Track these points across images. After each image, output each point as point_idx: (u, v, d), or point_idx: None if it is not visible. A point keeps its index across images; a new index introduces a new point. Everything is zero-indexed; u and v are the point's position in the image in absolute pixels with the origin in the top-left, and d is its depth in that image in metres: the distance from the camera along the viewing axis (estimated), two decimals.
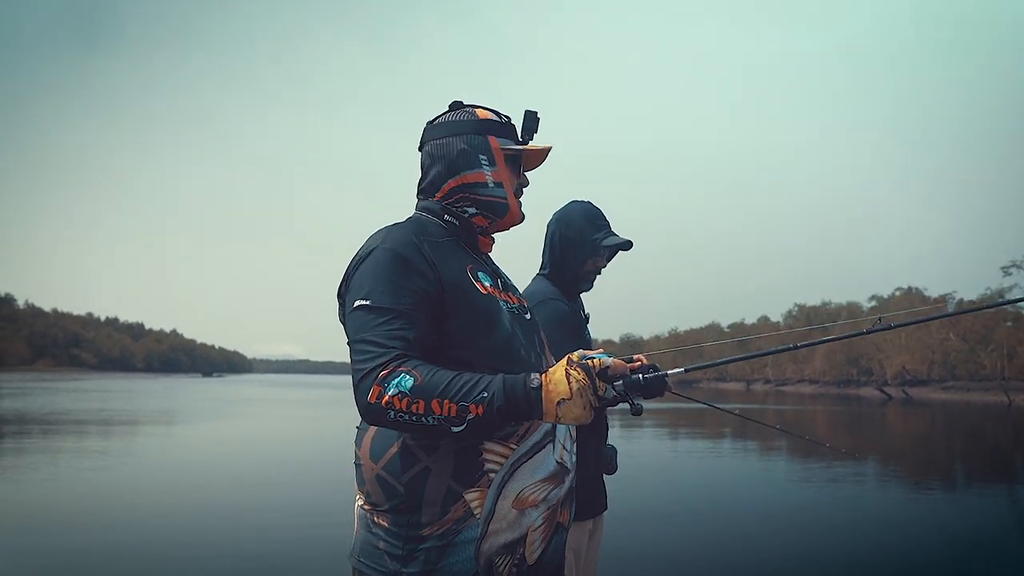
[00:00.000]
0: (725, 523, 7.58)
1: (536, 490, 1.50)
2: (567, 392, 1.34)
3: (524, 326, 1.65)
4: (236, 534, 6.63)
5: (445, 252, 1.56)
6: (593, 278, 2.59)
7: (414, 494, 1.45)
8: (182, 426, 20.62)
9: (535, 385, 1.35)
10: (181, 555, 5.82)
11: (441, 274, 1.49)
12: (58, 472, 10.43)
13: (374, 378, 1.35)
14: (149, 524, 6.99)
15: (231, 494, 8.92)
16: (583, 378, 1.35)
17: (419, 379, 1.33)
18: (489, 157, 1.66)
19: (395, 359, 1.36)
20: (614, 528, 5.62)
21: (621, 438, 17.90)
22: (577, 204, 2.60)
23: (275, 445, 15.85)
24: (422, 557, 1.44)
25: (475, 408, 1.32)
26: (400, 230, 1.55)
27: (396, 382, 1.33)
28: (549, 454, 1.54)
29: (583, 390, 1.34)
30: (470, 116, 1.68)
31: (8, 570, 5.38)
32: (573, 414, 1.34)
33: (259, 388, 60.97)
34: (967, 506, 9.30)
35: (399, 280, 1.45)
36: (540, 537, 1.51)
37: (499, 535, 1.46)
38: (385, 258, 1.48)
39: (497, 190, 1.66)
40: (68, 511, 7.63)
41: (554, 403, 1.34)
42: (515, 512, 1.48)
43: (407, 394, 1.32)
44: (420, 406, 1.32)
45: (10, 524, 6.91)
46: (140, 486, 9.41)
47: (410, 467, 1.47)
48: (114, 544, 6.16)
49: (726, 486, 10.36)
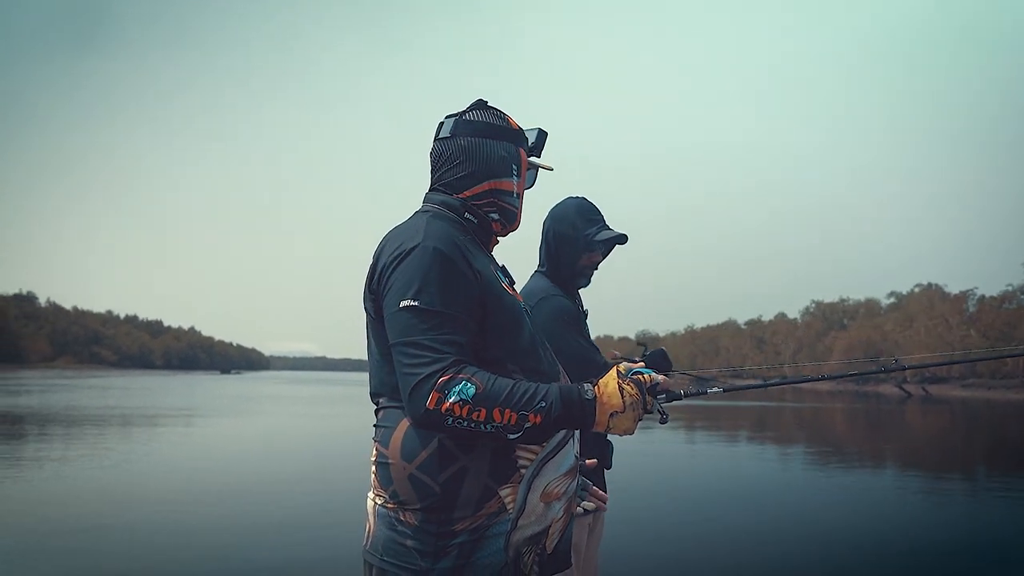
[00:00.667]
0: (740, 520, 7.54)
1: (559, 484, 1.57)
2: (620, 405, 1.43)
3: (535, 327, 1.70)
4: (253, 531, 6.68)
5: (474, 251, 1.57)
6: (590, 273, 2.61)
7: (450, 493, 1.48)
8: (201, 423, 20.81)
9: (589, 397, 1.44)
10: (194, 553, 5.88)
11: (480, 275, 1.51)
12: (78, 468, 10.55)
13: (433, 384, 1.36)
14: (166, 521, 7.05)
15: (247, 491, 8.98)
16: (635, 393, 1.44)
17: (480, 387, 1.37)
18: (519, 169, 1.71)
19: (453, 365, 1.38)
20: (629, 527, 5.59)
21: (638, 437, 17.82)
22: (571, 200, 2.63)
23: (293, 442, 15.94)
24: (455, 552, 1.47)
25: (534, 417, 1.39)
26: (438, 227, 1.54)
27: (458, 389, 1.36)
28: (570, 449, 1.61)
29: (635, 404, 1.43)
30: (506, 123, 1.71)
31: (22, 567, 5.45)
32: (623, 426, 1.44)
33: (277, 385, 61.28)
34: (988, 504, 9.19)
35: (448, 280, 1.45)
36: (559, 528, 1.58)
37: (527, 528, 1.52)
38: (431, 257, 1.46)
39: (517, 201, 1.73)
40: (84, 509, 7.71)
41: (607, 415, 1.43)
42: (543, 506, 1.54)
43: (468, 402, 1.36)
44: (482, 414, 1.37)
45: (31, 520, 7.00)
46: (158, 483, 9.49)
47: (448, 466, 1.47)
48: (135, 542, 6.22)
49: (743, 484, 10.31)
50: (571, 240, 2.53)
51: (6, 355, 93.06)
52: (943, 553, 6.40)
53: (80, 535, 6.34)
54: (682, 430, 19.75)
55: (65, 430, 16.77)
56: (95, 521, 6.94)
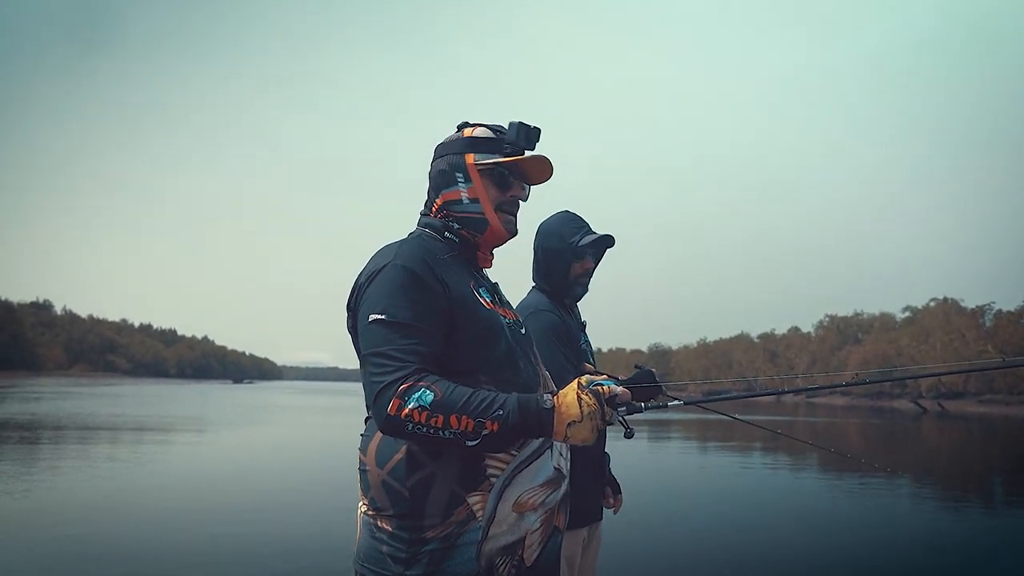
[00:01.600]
0: (753, 537, 7.47)
1: (535, 494, 1.59)
2: (578, 415, 1.43)
3: (520, 341, 1.73)
4: (260, 540, 6.68)
5: (450, 268, 1.64)
6: (586, 282, 2.64)
7: (419, 498, 1.53)
8: (212, 433, 20.87)
9: (548, 406, 1.44)
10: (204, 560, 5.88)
11: (450, 290, 1.58)
12: (81, 477, 10.61)
13: (394, 391, 1.42)
14: (173, 530, 7.06)
15: (257, 500, 8.99)
16: (593, 403, 1.44)
17: (439, 394, 1.41)
18: (465, 175, 1.73)
19: (414, 373, 1.44)
20: (636, 538, 5.52)
21: (649, 452, 17.77)
22: (555, 215, 2.68)
23: (304, 452, 15.95)
24: (425, 559, 1.51)
25: (491, 424, 1.41)
26: (409, 247, 1.63)
27: (417, 396, 1.41)
28: (548, 460, 1.63)
29: (593, 414, 1.43)
30: (458, 136, 1.76)
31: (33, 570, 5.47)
32: (581, 435, 1.44)
33: (288, 395, 61.50)
34: (1006, 523, 9.06)
35: (414, 295, 1.53)
36: (538, 540, 1.60)
37: (499, 537, 1.55)
38: (399, 274, 1.55)
39: (472, 206, 1.73)
40: (88, 517, 7.73)
41: (565, 424, 1.43)
42: (515, 515, 1.56)
43: (427, 408, 1.40)
44: (439, 420, 1.40)
45: (43, 524, 7.03)
46: (165, 492, 9.52)
47: (415, 472, 1.54)
48: (143, 550, 6.23)
49: (755, 500, 10.21)
50: (560, 251, 2.57)
51: (23, 362, 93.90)
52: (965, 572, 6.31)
53: (84, 543, 6.36)
54: (694, 443, 19.61)
55: (79, 435, 16.86)
56: (98, 529, 6.96)
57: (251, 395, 58.23)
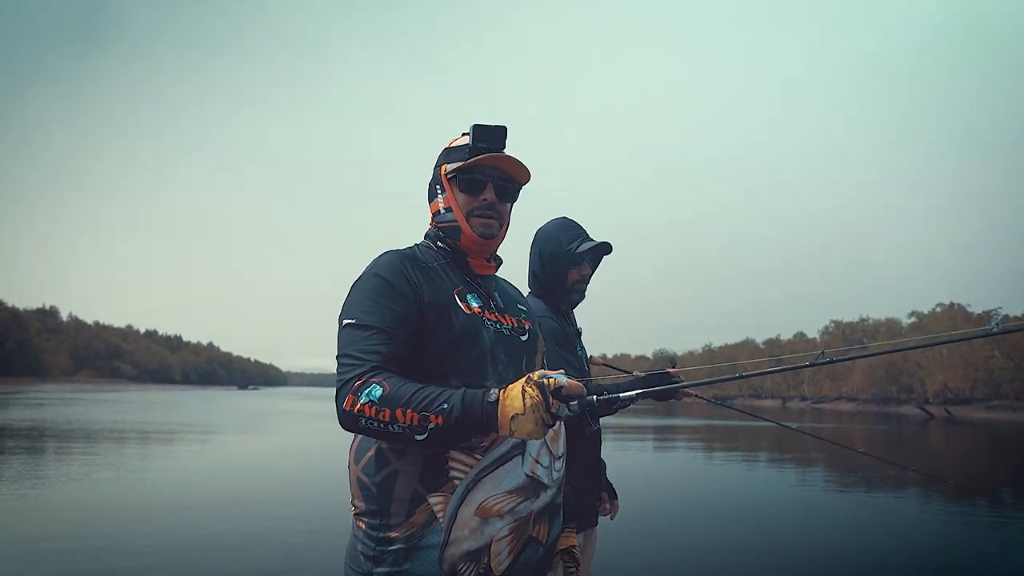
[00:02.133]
0: (761, 539, 7.42)
1: (501, 501, 1.58)
2: (520, 408, 1.41)
3: (511, 346, 1.73)
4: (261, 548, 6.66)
5: (434, 275, 1.69)
6: (583, 288, 2.65)
7: (385, 496, 1.58)
8: (218, 440, 20.87)
9: (492, 399, 1.44)
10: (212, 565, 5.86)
11: (423, 295, 1.63)
12: (87, 484, 10.61)
13: (350, 387, 1.48)
14: (186, 537, 7.06)
15: (258, 509, 8.98)
16: (537, 396, 1.41)
17: (387, 389, 1.45)
18: (441, 185, 1.78)
19: (370, 371, 1.50)
20: (643, 547, 5.48)
21: (656, 456, 17.69)
22: (553, 221, 2.70)
23: (308, 457, 15.95)
24: (390, 559, 1.55)
25: (435, 418, 1.42)
26: (390, 255, 1.70)
27: (367, 391, 1.46)
28: (517, 467, 1.60)
29: (536, 407, 1.40)
30: (442, 151, 1.80)
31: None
32: (525, 429, 1.41)
33: (293, 401, 61.54)
34: (1014, 530, 8.99)
35: (380, 300, 1.60)
36: (507, 548, 1.58)
37: (462, 543, 1.55)
38: (370, 282, 1.63)
39: (447, 215, 1.77)
40: (94, 523, 7.73)
41: (508, 417, 1.42)
42: (477, 520, 1.56)
43: (376, 402, 1.44)
44: (387, 414, 1.44)
45: (54, 530, 7.03)
46: (172, 500, 9.51)
47: (382, 469, 1.59)
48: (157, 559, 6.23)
49: (763, 504, 10.16)
50: (556, 257, 2.59)
51: (29, 368, 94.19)
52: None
53: (89, 551, 6.36)
54: (699, 450, 19.54)
55: (84, 443, 16.88)
56: (101, 538, 6.96)
57: (256, 401, 58.25)
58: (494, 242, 1.77)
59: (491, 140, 1.70)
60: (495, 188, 1.73)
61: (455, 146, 1.75)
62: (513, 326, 1.76)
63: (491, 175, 1.72)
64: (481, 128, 1.70)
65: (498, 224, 1.75)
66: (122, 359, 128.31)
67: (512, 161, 1.72)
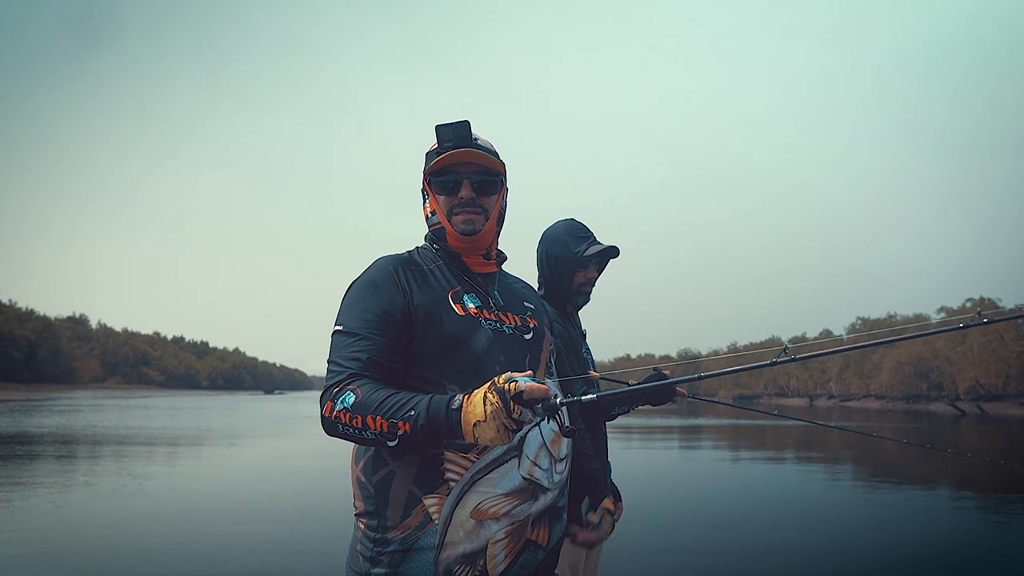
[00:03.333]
0: (791, 539, 7.32)
1: (497, 503, 1.56)
2: (482, 415, 1.39)
3: (513, 346, 1.70)
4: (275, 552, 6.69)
5: (428, 279, 1.69)
6: (588, 290, 2.65)
7: (381, 497, 1.58)
8: (244, 445, 21.06)
9: (456, 406, 1.43)
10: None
11: (412, 299, 1.63)
12: (108, 490, 10.74)
13: (329, 395, 1.51)
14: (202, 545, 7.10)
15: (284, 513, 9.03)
16: (497, 402, 1.39)
17: (359, 396, 1.46)
18: (425, 191, 1.78)
19: (347, 378, 1.51)
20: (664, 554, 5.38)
21: (681, 457, 17.56)
22: (561, 222, 2.70)
23: (328, 462, 16.02)
24: (386, 560, 1.55)
25: (403, 425, 1.43)
26: (383, 260, 1.71)
27: (342, 399, 1.48)
28: (513, 469, 1.58)
29: (496, 413, 1.38)
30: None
31: None
32: (488, 436, 1.39)
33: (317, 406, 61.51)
34: None
35: (369, 306, 1.60)
36: (503, 551, 1.55)
37: (457, 545, 1.53)
38: (359, 287, 1.66)
39: (433, 219, 1.77)
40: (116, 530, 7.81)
41: (471, 424, 1.40)
42: (473, 522, 1.54)
43: (348, 410, 1.46)
44: (359, 421, 1.45)
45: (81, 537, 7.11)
46: (195, 506, 9.60)
47: (379, 469, 1.60)
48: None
49: (792, 503, 10.03)
50: (564, 260, 2.59)
51: (59, 375, 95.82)
52: None
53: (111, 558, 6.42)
54: (726, 449, 19.37)
55: (116, 449, 17.11)
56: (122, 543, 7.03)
57: (281, 406, 58.73)
58: (481, 237, 1.74)
59: (456, 138, 1.69)
60: (471, 184, 1.71)
61: (430, 151, 1.75)
62: (516, 324, 1.74)
63: (465, 172, 1.71)
64: (444, 127, 1.68)
65: (482, 219, 1.73)
66: (150, 365, 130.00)
67: (477, 155, 1.70)
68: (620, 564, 5.91)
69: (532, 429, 1.61)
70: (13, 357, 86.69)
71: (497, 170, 1.74)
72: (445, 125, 1.67)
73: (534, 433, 1.61)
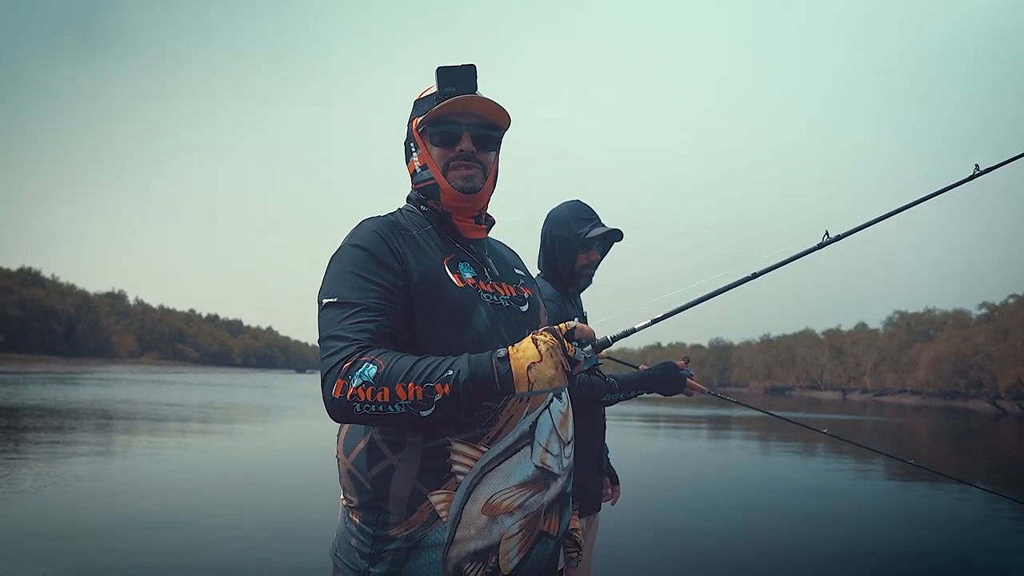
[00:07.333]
0: (821, 536, 7.16)
1: (510, 496, 1.42)
2: (536, 355, 1.29)
3: (513, 319, 1.55)
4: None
5: (420, 245, 1.50)
6: (591, 273, 2.65)
7: (380, 491, 1.42)
8: (274, 422, 21.34)
9: (502, 355, 1.30)
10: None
11: (408, 269, 1.44)
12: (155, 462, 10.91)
13: (338, 372, 1.30)
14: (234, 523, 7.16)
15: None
16: (551, 339, 1.30)
17: (383, 366, 1.28)
18: (414, 142, 1.59)
19: (358, 350, 1.31)
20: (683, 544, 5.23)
21: (708, 448, 17.37)
22: (566, 203, 2.67)
23: None
24: (389, 558, 1.41)
25: (441, 388, 1.26)
26: (369, 224, 1.51)
27: (359, 372, 1.28)
28: (526, 458, 1.44)
29: (553, 350, 1.29)
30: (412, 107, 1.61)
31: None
32: (546, 375, 1.28)
33: None
34: None
35: (364, 274, 1.41)
36: (517, 546, 1.42)
37: (468, 542, 1.39)
38: (349, 254, 1.45)
39: (424, 173, 1.58)
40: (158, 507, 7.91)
41: (524, 368, 1.28)
42: (485, 518, 1.40)
43: (371, 383, 1.27)
44: (385, 393, 1.26)
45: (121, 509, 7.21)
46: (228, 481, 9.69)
47: (376, 463, 1.43)
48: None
49: (823, 498, 9.84)
50: (566, 240, 2.59)
51: (98, 350, 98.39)
52: None
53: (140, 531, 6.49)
54: (756, 440, 19.12)
55: (150, 425, 17.45)
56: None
57: (313, 384, 59.59)
58: (479, 197, 1.55)
59: (460, 83, 1.49)
60: (472, 136, 1.53)
61: (424, 97, 1.56)
62: (512, 296, 1.59)
63: (465, 122, 1.52)
64: (446, 70, 1.49)
65: (481, 175, 1.55)
66: (185, 342, 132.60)
67: (486, 103, 1.52)
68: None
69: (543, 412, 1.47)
70: (54, 331, 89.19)
71: (501, 124, 1.56)
72: (448, 68, 1.48)
73: (544, 417, 1.47)
